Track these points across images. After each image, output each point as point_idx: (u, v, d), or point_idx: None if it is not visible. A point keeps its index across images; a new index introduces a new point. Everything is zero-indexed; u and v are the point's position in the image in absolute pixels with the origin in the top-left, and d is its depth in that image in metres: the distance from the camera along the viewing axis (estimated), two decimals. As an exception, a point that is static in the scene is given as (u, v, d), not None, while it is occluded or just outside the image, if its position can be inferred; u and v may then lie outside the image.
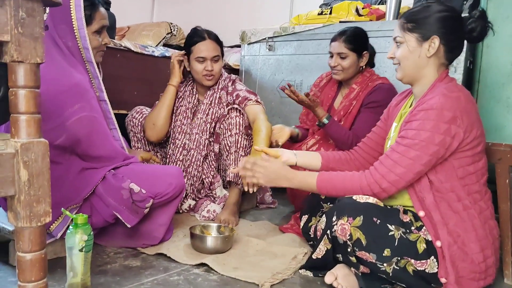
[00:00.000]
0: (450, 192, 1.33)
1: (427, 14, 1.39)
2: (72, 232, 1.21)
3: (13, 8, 0.81)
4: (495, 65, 2.20)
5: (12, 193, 0.85)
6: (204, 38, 2.12)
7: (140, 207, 1.50)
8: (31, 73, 0.85)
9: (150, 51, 2.68)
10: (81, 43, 1.48)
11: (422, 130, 1.29)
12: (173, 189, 1.57)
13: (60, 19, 1.47)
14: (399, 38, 1.43)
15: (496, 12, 2.19)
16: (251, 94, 2.16)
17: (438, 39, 1.37)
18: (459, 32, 1.41)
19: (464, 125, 1.30)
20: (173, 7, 4.53)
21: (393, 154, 1.34)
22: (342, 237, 1.31)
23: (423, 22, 1.39)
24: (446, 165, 1.34)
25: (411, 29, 1.40)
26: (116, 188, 1.49)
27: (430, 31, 1.38)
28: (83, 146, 1.44)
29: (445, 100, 1.30)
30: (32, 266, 0.88)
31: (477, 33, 1.40)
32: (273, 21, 3.41)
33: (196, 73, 2.14)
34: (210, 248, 1.60)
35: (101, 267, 1.44)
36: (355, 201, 1.34)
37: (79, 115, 1.39)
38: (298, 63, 2.84)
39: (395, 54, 1.45)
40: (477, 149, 1.35)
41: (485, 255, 1.31)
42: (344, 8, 2.77)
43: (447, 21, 1.38)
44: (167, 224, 1.65)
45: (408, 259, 1.29)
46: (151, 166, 1.73)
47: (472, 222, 1.32)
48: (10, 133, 0.87)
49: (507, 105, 2.17)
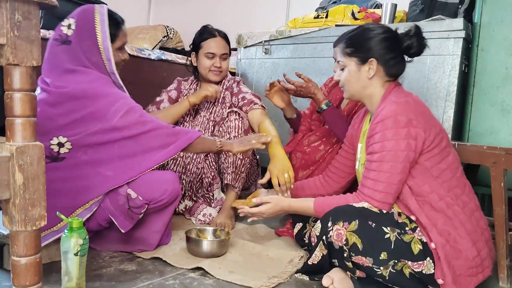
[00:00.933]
0: (430, 194, 1.35)
1: (364, 38, 1.47)
2: (67, 236, 1.20)
3: (9, 11, 0.81)
4: (490, 68, 2.22)
5: (7, 196, 0.84)
6: (215, 35, 2.17)
7: (135, 213, 1.50)
8: (27, 76, 0.85)
9: (147, 54, 2.68)
10: (105, 55, 1.53)
11: (386, 141, 1.34)
12: (168, 195, 1.55)
13: (85, 35, 1.52)
14: (341, 62, 1.51)
15: (491, 15, 2.21)
16: (256, 98, 2.17)
17: (375, 61, 1.45)
18: (396, 51, 1.47)
19: (421, 124, 1.35)
20: (169, 10, 4.53)
21: (369, 173, 1.38)
22: (338, 242, 1.31)
23: (361, 46, 1.46)
24: (419, 168, 1.37)
25: (350, 54, 1.48)
26: (114, 193, 1.48)
27: (368, 54, 1.45)
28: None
29: (396, 107, 1.36)
30: (27, 271, 0.87)
31: (415, 48, 1.46)
32: (269, 24, 3.42)
33: (203, 68, 2.16)
34: (206, 252, 1.60)
35: (96, 271, 1.43)
36: (350, 206, 1.36)
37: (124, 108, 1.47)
38: (294, 66, 2.85)
39: (339, 77, 1.53)
40: (442, 145, 1.39)
41: (478, 248, 1.33)
42: (340, 12, 2.78)
43: (383, 43, 1.45)
44: (162, 232, 1.64)
45: (405, 261, 1.29)
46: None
47: (459, 218, 1.34)
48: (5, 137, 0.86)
49: (502, 109, 2.18)
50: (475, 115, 2.27)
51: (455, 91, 2.25)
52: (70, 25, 1.51)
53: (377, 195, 1.35)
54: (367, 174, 1.39)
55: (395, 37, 1.47)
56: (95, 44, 1.52)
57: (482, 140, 2.23)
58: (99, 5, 1.58)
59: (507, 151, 1.52)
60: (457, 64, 2.25)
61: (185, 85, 2.29)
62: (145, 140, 1.50)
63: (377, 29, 1.47)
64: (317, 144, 2.03)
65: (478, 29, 2.25)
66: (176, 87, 2.30)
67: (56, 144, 1.43)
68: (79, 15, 1.54)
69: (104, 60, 1.54)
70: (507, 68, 2.16)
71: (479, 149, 1.62)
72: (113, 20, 1.59)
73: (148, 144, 1.50)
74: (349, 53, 1.48)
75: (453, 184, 1.38)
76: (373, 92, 1.48)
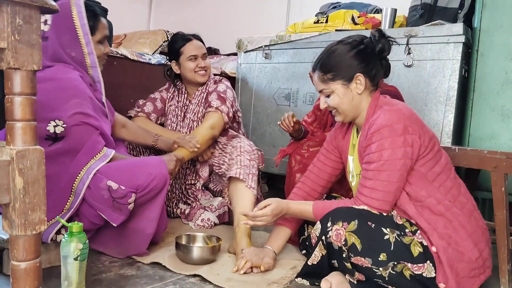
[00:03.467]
0: (428, 198, 1.36)
1: (339, 58, 1.45)
2: (67, 241, 1.20)
3: (10, 15, 0.81)
4: (490, 73, 2.22)
5: (7, 201, 0.84)
6: (190, 39, 2.22)
7: (122, 203, 1.47)
8: (27, 80, 0.85)
9: (147, 59, 2.69)
10: (86, 49, 1.52)
11: (383, 150, 1.34)
12: (154, 179, 1.51)
13: (63, 29, 1.49)
14: (326, 90, 1.48)
15: (490, 21, 2.22)
16: (218, 100, 2.14)
17: (362, 76, 1.44)
18: (373, 58, 1.46)
19: (416, 131, 1.36)
20: (169, 15, 4.54)
21: (366, 182, 1.38)
22: (337, 242, 1.31)
23: (339, 67, 1.44)
24: (415, 175, 1.37)
25: (332, 79, 1.46)
26: (96, 189, 1.46)
27: (350, 72, 1.43)
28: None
29: (391, 115, 1.36)
30: (27, 275, 0.87)
31: (387, 50, 1.47)
32: (270, 29, 3.43)
33: (189, 71, 2.19)
34: (196, 259, 1.56)
35: (96, 276, 1.42)
36: (350, 207, 1.36)
37: (74, 111, 1.43)
38: (295, 71, 2.85)
39: (328, 103, 1.50)
40: (435, 149, 1.40)
41: (480, 248, 1.33)
42: (340, 17, 2.79)
43: (359, 55, 1.44)
44: (157, 219, 1.60)
45: (405, 263, 1.28)
46: (130, 159, 1.66)
47: (458, 219, 1.34)
48: (5, 140, 0.86)
49: (502, 113, 2.18)
50: (475, 119, 2.27)
51: (455, 96, 2.26)
52: (46, 21, 1.49)
53: (374, 203, 1.35)
54: (364, 183, 1.39)
55: (367, 46, 1.46)
56: (75, 38, 1.50)
57: (482, 145, 2.23)
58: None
59: (508, 156, 1.52)
60: (457, 68, 2.25)
61: (166, 92, 2.34)
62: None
63: (346, 45, 1.45)
64: (316, 150, 2.04)
65: (478, 34, 2.25)
66: (161, 98, 2.33)
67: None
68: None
69: (85, 54, 1.52)
70: (507, 72, 2.17)
71: (479, 154, 1.61)
72: (91, 11, 1.56)
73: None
74: (331, 78, 1.45)
75: (449, 185, 1.39)
76: (363, 106, 1.48)
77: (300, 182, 1.74)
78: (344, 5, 3.10)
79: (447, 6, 2.53)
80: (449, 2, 2.53)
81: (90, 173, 1.46)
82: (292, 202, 1.55)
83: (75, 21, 1.50)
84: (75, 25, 1.50)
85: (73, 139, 1.45)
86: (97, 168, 1.47)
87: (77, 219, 1.51)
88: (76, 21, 1.50)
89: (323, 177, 1.68)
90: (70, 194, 1.47)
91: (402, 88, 2.24)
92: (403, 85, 2.37)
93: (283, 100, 2.90)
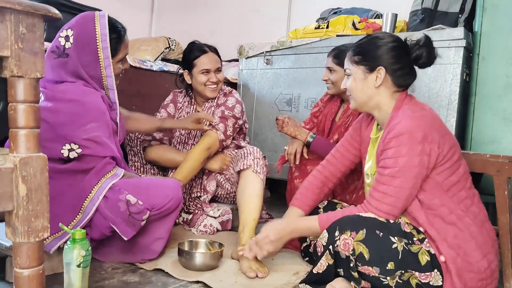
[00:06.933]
0: (441, 207, 1.34)
1: (373, 46, 1.45)
2: (70, 248, 1.20)
3: (14, 24, 0.82)
4: (491, 77, 2.22)
5: (10, 208, 0.84)
6: (206, 51, 2.16)
7: (137, 219, 1.49)
8: (30, 88, 0.85)
9: (149, 65, 2.70)
10: (105, 72, 1.53)
11: (399, 157, 1.33)
12: (170, 201, 1.55)
13: (85, 51, 1.50)
14: (348, 70, 1.50)
15: (491, 25, 2.22)
16: (222, 118, 2.12)
17: (383, 70, 1.43)
18: (405, 61, 1.45)
19: (436, 140, 1.33)
20: (171, 22, 4.56)
21: (379, 186, 1.37)
22: (345, 252, 1.30)
23: (369, 55, 1.45)
24: (430, 182, 1.36)
25: (358, 62, 1.47)
26: (114, 201, 1.48)
27: (376, 62, 1.43)
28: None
29: (412, 122, 1.34)
30: (30, 283, 0.87)
31: (424, 59, 1.44)
32: (271, 35, 3.44)
33: (200, 84, 2.16)
34: (199, 265, 1.56)
35: (98, 283, 1.42)
36: (358, 215, 1.35)
37: (89, 135, 1.44)
38: (296, 76, 2.86)
39: (346, 85, 1.51)
40: (454, 159, 1.37)
41: (489, 259, 1.32)
42: (341, 22, 2.80)
43: (392, 52, 1.43)
44: (166, 238, 1.64)
45: (412, 272, 1.28)
46: (148, 178, 1.72)
47: (469, 230, 1.32)
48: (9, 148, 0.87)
49: (504, 117, 2.18)
50: (477, 124, 2.27)
51: (456, 100, 2.26)
52: (69, 37, 1.48)
53: (384, 207, 1.34)
54: (376, 186, 1.38)
55: (404, 47, 1.45)
56: (96, 60, 1.51)
57: (484, 149, 2.22)
58: (100, 14, 1.54)
59: (511, 159, 1.52)
60: (458, 73, 2.26)
61: (180, 96, 2.32)
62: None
63: (386, 37, 1.46)
64: (316, 156, 2.04)
65: (479, 38, 2.26)
66: (172, 99, 2.32)
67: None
68: (79, 26, 1.50)
69: (103, 76, 1.53)
70: (508, 76, 2.16)
71: (482, 158, 1.61)
72: (115, 31, 1.56)
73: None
74: (357, 61, 1.47)
75: (463, 195, 1.37)
76: (380, 102, 1.46)
77: (320, 165, 1.71)
78: (345, 10, 3.11)
79: (447, 10, 2.53)
80: (450, 6, 2.53)
81: (101, 194, 1.47)
82: (293, 221, 1.54)
83: (98, 43, 1.50)
84: (97, 47, 1.50)
85: (85, 162, 1.48)
86: (109, 186, 1.49)
87: (88, 229, 1.51)
88: (99, 43, 1.50)
89: (344, 163, 1.67)
90: (78, 212, 1.47)
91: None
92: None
93: (284, 105, 2.90)
